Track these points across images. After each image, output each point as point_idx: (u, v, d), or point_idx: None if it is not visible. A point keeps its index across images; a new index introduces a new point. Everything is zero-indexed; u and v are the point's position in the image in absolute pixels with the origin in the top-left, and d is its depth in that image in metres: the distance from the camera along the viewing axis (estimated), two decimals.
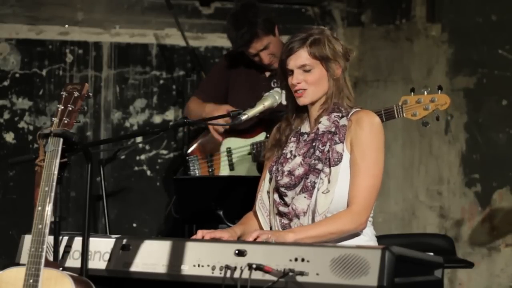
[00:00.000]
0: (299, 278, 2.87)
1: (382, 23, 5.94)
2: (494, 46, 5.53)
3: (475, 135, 5.59)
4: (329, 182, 3.30)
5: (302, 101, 3.40)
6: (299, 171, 3.34)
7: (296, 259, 2.90)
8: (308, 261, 2.88)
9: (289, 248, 2.95)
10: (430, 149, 5.72)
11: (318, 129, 3.38)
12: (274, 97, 3.39)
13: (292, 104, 3.46)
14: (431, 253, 3.20)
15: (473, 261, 4.79)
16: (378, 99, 5.84)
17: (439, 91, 4.04)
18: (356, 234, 3.32)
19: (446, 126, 5.63)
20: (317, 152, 3.34)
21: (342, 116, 3.37)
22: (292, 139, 3.45)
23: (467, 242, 5.56)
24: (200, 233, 3.26)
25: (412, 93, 4.07)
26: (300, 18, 5.95)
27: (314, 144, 3.36)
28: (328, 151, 3.33)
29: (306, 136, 3.42)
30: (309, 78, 3.37)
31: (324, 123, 3.37)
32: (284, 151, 3.44)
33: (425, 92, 4.04)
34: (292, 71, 3.38)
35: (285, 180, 3.36)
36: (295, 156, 3.39)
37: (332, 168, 3.30)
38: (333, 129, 3.35)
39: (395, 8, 5.89)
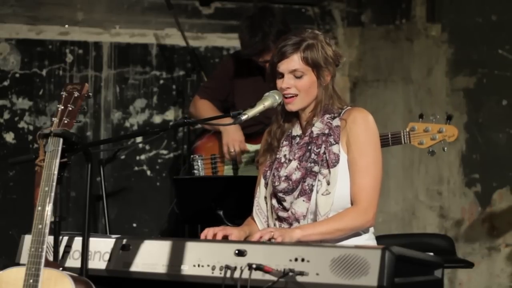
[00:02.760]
0: (299, 278, 2.87)
1: (382, 23, 5.94)
2: (494, 46, 5.53)
3: (475, 135, 5.58)
4: (328, 184, 3.29)
5: (290, 108, 3.39)
6: (296, 175, 3.34)
7: (296, 259, 2.90)
8: (308, 261, 2.88)
9: (289, 248, 2.95)
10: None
11: (312, 132, 3.37)
12: (274, 97, 3.37)
13: (281, 107, 3.45)
14: (431, 253, 3.20)
15: (473, 261, 4.79)
16: (378, 99, 5.84)
17: (448, 121, 4.01)
18: (356, 233, 3.32)
19: None
20: (313, 155, 3.34)
21: (334, 117, 3.38)
22: (284, 143, 3.44)
23: (467, 242, 5.55)
24: (211, 232, 3.24)
25: (421, 119, 4.05)
26: (300, 18, 5.94)
27: (309, 147, 3.36)
28: (324, 153, 3.32)
29: (298, 139, 3.41)
30: (299, 84, 3.36)
31: (318, 126, 3.37)
32: (277, 156, 3.44)
33: (433, 120, 4.01)
34: (282, 75, 3.37)
35: (283, 185, 3.36)
36: (290, 161, 3.38)
37: (331, 169, 3.30)
38: (326, 131, 3.35)
39: (395, 8, 5.88)
